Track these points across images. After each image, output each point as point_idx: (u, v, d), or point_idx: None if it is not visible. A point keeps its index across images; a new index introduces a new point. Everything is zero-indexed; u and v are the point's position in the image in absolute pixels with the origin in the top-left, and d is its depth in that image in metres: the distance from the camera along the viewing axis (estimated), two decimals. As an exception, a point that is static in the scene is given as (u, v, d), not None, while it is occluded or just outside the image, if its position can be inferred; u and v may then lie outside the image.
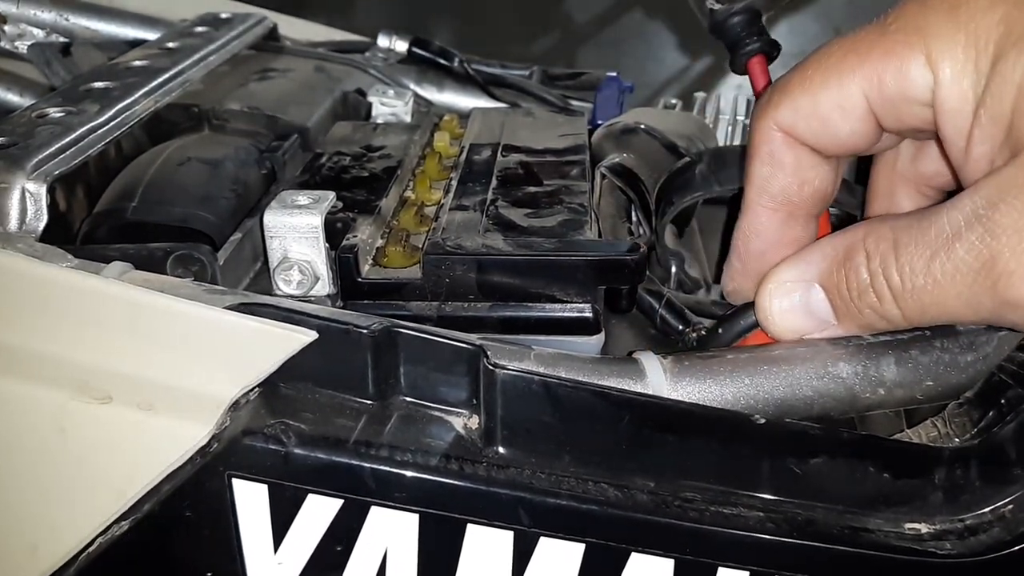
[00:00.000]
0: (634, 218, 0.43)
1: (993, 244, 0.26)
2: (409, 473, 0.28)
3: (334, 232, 0.34)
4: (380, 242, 0.36)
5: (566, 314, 0.33)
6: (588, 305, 0.33)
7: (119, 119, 0.39)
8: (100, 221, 0.37)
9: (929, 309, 0.28)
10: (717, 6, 0.40)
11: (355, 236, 0.34)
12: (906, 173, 0.35)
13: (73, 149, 0.36)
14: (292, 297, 0.33)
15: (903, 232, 0.28)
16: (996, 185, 0.27)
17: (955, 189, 0.31)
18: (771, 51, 0.40)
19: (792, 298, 0.31)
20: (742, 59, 0.40)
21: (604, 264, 0.33)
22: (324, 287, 0.33)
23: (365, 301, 0.34)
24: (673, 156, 0.46)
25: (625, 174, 0.44)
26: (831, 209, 0.36)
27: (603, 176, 0.44)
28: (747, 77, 0.41)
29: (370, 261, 0.35)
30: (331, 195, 0.34)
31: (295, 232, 0.33)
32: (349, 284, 0.33)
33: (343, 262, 0.33)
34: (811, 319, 0.31)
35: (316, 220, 0.32)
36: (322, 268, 0.33)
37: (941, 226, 0.27)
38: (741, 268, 0.35)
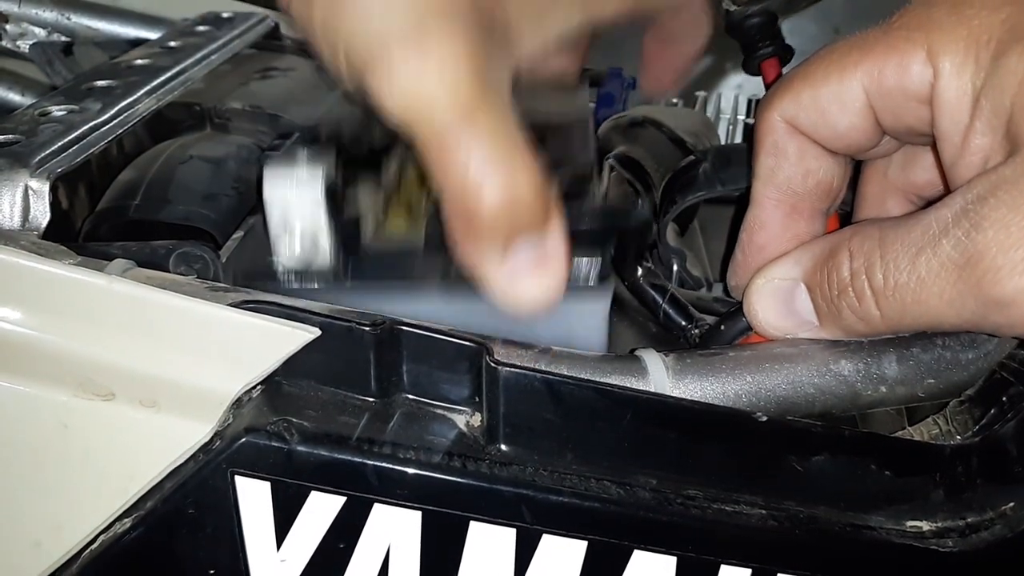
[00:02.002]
0: None
1: (979, 239, 0.25)
2: (412, 470, 0.28)
3: (335, 199, 0.33)
4: (383, 209, 0.35)
5: (571, 272, 0.31)
6: (595, 259, 0.32)
7: (121, 117, 0.39)
8: (102, 219, 0.37)
9: (910, 309, 0.27)
10: (733, 7, 0.40)
11: (357, 204, 0.34)
12: (896, 181, 0.35)
13: (76, 147, 0.36)
14: (293, 271, 0.32)
15: (890, 231, 0.28)
16: (989, 181, 0.26)
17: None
18: (785, 54, 0.40)
19: (777, 295, 0.31)
20: (756, 61, 0.41)
21: (609, 232, 0.32)
22: (325, 256, 0.33)
23: (369, 269, 0.33)
24: (680, 151, 0.47)
25: (633, 166, 0.44)
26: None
27: (611, 168, 0.44)
28: (756, 79, 0.41)
29: (373, 229, 0.34)
30: (332, 158, 0.33)
31: (297, 198, 0.32)
32: (352, 253, 0.33)
33: (346, 231, 0.33)
34: (793, 318, 0.31)
35: (318, 189, 0.32)
36: (324, 238, 0.32)
37: (928, 223, 0.27)
38: (743, 261, 0.35)
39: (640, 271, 0.39)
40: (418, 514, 0.28)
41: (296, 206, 0.32)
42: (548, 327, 0.32)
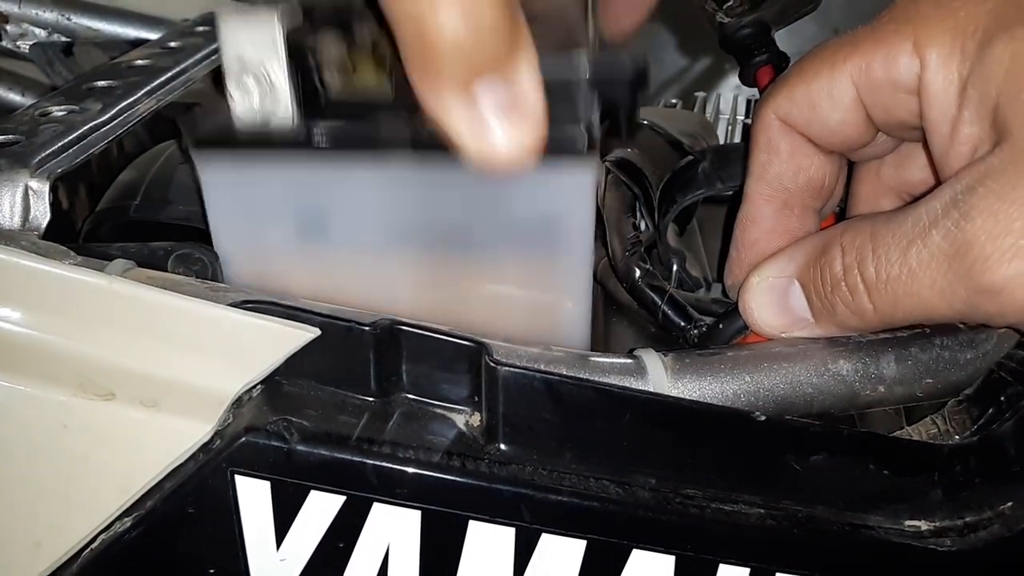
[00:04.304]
0: (638, 214, 0.44)
1: (968, 228, 0.26)
2: (411, 470, 0.28)
3: (297, 48, 0.30)
4: (347, 56, 0.31)
5: (555, 135, 0.28)
6: (579, 124, 0.29)
7: (121, 118, 0.39)
8: (102, 219, 0.38)
9: (902, 301, 0.27)
10: (727, 20, 0.40)
11: (322, 54, 0.31)
12: (890, 180, 0.35)
13: (76, 147, 0.36)
14: (251, 125, 0.30)
15: (881, 225, 0.28)
16: (977, 171, 0.26)
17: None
18: (780, 62, 0.41)
19: (772, 293, 0.32)
20: (751, 70, 0.41)
21: (600, 79, 0.30)
22: (284, 103, 0.30)
23: (333, 125, 0.30)
24: (678, 153, 0.47)
25: (630, 169, 0.44)
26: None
27: (608, 170, 0.44)
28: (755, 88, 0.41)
29: (339, 82, 0.31)
30: (294, 7, 0.31)
31: (251, 36, 0.29)
32: (312, 102, 0.30)
33: (307, 80, 0.30)
34: (788, 315, 0.31)
35: (275, 30, 0.29)
36: (282, 79, 0.30)
37: (918, 216, 0.27)
38: (737, 258, 0.35)
39: (639, 272, 0.39)
40: (417, 513, 0.28)
41: (252, 49, 0.29)
42: (527, 201, 0.30)
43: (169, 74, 0.44)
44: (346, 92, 0.30)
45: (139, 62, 0.45)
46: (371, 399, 0.29)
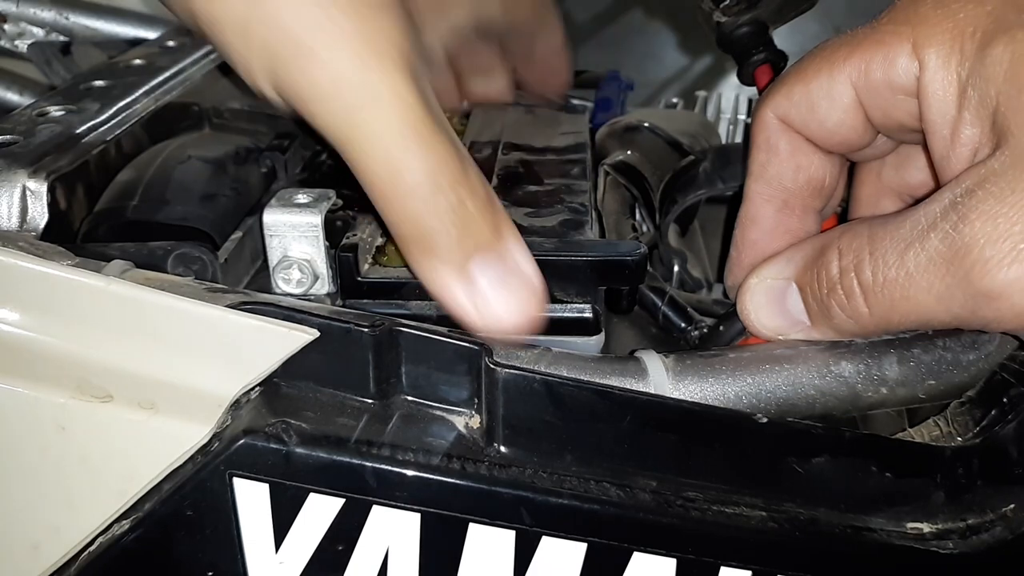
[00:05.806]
0: (638, 216, 0.43)
1: (967, 231, 0.25)
2: (411, 472, 0.28)
3: (334, 230, 0.34)
4: (380, 240, 0.36)
5: (566, 314, 0.32)
6: (588, 305, 0.33)
7: (119, 118, 0.39)
8: (100, 220, 0.37)
9: (899, 305, 0.27)
10: (724, 19, 0.40)
11: (355, 235, 0.34)
12: (891, 182, 0.35)
13: (74, 148, 0.36)
14: (291, 296, 0.33)
15: (879, 228, 0.28)
16: (977, 175, 0.26)
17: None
18: (778, 61, 0.40)
19: (769, 295, 0.31)
20: (749, 69, 0.41)
21: (604, 265, 0.33)
22: (324, 286, 0.33)
23: (365, 300, 0.34)
24: (677, 154, 0.47)
25: (629, 171, 0.44)
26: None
27: (607, 173, 0.44)
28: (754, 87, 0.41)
29: (370, 260, 0.35)
30: (331, 193, 0.34)
31: (295, 231, 0.33)
32: (349, 283, 0.33)
33: (343, 261, 0.33)
34: (785, 318, 0.31)
35: (316, 219, 0.32)
36: (322, 267, 0.33)
37: (917, 219, 0.27)
38: (737, 258, 0.35)
39: None
40: (417, 516, 0.28)
41: (297, 246, 0.33)
42: None
43: (167, 74, 0.44)
44: (378, 272, 0.34)
45: (137, 62, 0.45)
46: (370, 401, 0.29)
